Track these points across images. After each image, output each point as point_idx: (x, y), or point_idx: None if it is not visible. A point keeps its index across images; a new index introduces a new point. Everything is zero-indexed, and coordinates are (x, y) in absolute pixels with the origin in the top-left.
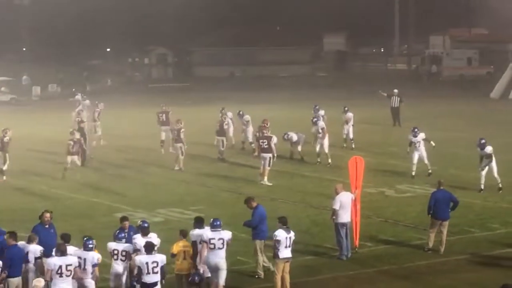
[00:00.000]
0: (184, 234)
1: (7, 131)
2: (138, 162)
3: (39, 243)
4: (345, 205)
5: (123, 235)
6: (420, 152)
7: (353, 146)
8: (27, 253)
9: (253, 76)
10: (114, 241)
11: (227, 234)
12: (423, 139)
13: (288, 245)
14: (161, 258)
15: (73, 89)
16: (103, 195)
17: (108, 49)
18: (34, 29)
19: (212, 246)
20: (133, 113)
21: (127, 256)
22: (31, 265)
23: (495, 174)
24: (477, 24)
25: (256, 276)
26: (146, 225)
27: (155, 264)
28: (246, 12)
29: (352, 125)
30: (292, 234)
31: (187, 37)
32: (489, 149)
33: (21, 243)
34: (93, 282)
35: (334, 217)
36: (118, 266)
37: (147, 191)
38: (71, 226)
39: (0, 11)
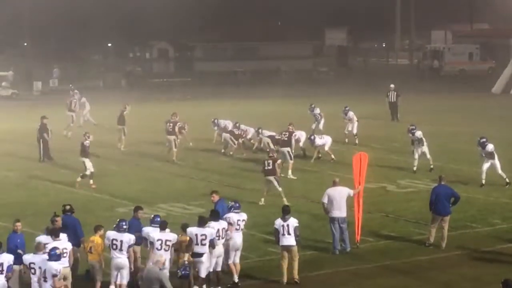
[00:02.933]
0: (185, 228)
1: (89, 135)
2: (138, 157)
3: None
4: (334, 200)
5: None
6: (422, 148)
7: (357, 141)
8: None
9: (254, 71)
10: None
11: (245, 215)
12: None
13: (285, 232)
14: (210, 232)
15: (70, 85)
16: (104, 190)
17: (109, 44)
18: (35, 24)
19: (237, 227)
20: (133, 107)
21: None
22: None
23: (499, 171)
24: (478, 19)
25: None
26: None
27: (203, 237)
28: (247, 7)
29: (357, 121)
30: (291, 221)
31: (188, 32)
32: (490, 147)
33: None
34: (127, 261)
35: (327, 211)
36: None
37: (148, 185)
38: None
39: (1, 5)
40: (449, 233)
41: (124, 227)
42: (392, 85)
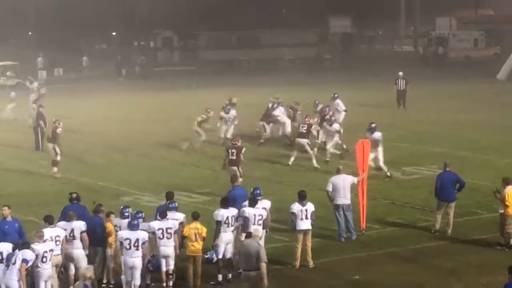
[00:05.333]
0: (195, 216)
1: (59, 122)
2: (144, 146)
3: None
4: (338, 187)
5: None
6: (376, 152)
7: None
8: None
9: (259, 59)
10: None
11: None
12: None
13: (303, 217)
14: (264, 212)
15: (29, 77)
16: (109, 179)
17: (114, 33)
18: (40, 13)
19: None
20: (138, 96)
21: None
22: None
23: (381, 163)
24: (483, 5)
25: None
26: (173, 204)
27: (260, 217)
28: None
29: (345, 111)
30: (309, 206)
31: (192, 20)
32: (377, 135)
33: None
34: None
35: (332, 198)
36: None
37: (154, 174)
38: None
39: None
40: (455, 219)
41: (126, 214)
42: (400, 73)
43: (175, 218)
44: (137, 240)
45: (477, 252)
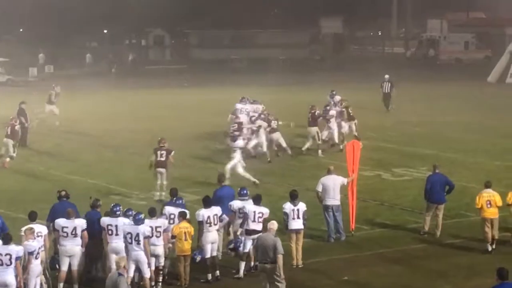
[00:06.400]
0: (183, 215)
1: (16, 120)
2: (133, 144)
3: None
4: (328, 188)
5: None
6: (260, 138)
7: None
8: None
9: (250, 59)
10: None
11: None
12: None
13: (295, 216)
14: (266, 210)
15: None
16: (99, 177)
17: (105, 31)
18: (32, 10)
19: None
20: (128, 95)
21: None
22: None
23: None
24: (474, 8)
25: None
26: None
27: (260, 215)
28: None
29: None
30: (300, 206)
31: (184, 19)
32: (239, 143)
33: None
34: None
35: (321, 199)
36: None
37: (143, 172)
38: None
39: None
40: (444, 221)
41: (118, 212)
42: (386, 76)
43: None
44: (138, 234)
45: (465, 254)
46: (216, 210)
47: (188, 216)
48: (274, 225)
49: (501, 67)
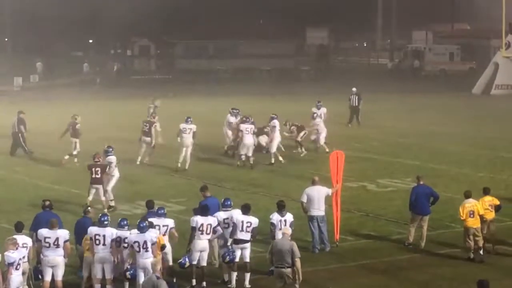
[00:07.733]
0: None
1: (77, 117)
2: (118, 154)
3: None
4: (313, 199)
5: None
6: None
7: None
8: None
9: (235, 69)
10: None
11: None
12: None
13: (282, 227)
14: (254, 220)
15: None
16: (83, 187)
17: (91, 41)
18: (17, 19)
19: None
20: (114, 104)
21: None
22: None
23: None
24: (459, 19)
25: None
26: (162, 211)
27: (248, 224)
28: (229, 5)
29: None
30: (288, 216)
31: (170, 29)
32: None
33: None
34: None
35: (306, 210)
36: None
37: (128, 183)
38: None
39: None
40: (428, 232)
41: (106, 222)
42: (354, 89)
43: (165, 224)
44: (145, 242)
45: (450, 265)
46: (211, 220)
47: (173, 225)
48: (288, 230)
49: (486, 79)
